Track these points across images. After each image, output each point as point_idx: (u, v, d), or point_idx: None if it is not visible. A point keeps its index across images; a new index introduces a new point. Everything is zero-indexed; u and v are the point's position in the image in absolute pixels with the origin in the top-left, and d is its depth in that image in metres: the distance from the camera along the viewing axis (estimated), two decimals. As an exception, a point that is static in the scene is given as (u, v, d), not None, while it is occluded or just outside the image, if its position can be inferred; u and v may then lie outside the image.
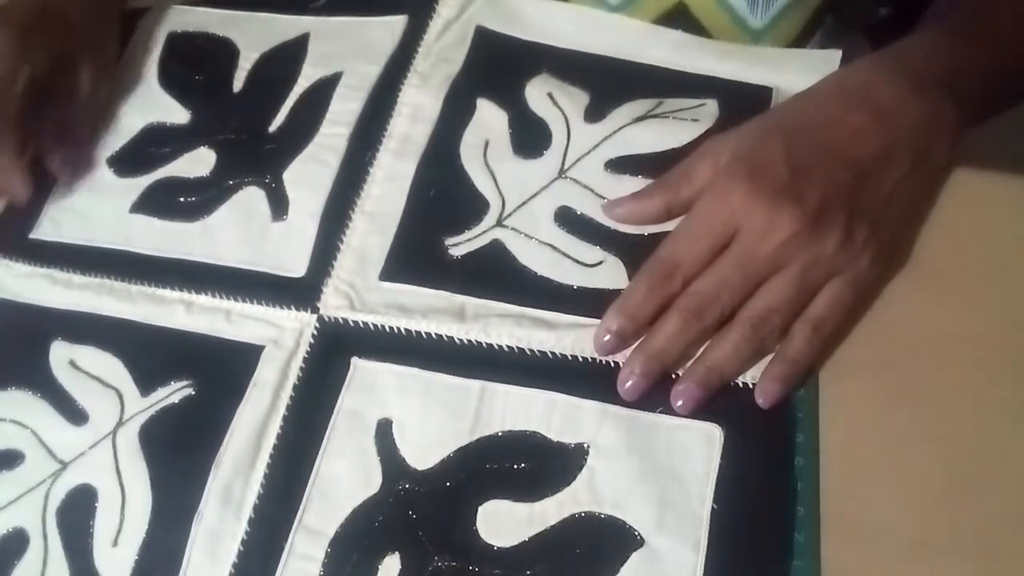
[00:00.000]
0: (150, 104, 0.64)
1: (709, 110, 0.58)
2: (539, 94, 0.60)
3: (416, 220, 0.56)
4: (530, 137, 0.58)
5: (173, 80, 0.65)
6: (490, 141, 0.58)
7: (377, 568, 0.45)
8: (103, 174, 0.61)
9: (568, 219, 0.55)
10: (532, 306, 0.52)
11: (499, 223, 0.55)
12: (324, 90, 0.62)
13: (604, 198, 0.55)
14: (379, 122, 0.60)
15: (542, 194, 0.56)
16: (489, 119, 0.59)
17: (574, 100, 0.59)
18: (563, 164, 0.57)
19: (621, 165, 0.56)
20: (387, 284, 0.54)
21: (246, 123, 0.62)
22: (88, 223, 0.59)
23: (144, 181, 0.60)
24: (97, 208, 0.60)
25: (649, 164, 0.56)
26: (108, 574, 0.48)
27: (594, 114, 0.58)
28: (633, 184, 0.55)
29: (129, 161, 0.61)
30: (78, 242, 0.58)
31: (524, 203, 0.56)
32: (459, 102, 0.60)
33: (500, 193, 0.56)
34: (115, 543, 0.49)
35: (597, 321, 0.50)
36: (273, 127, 0.61)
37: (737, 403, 0.46)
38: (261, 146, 0.60)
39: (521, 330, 0.50)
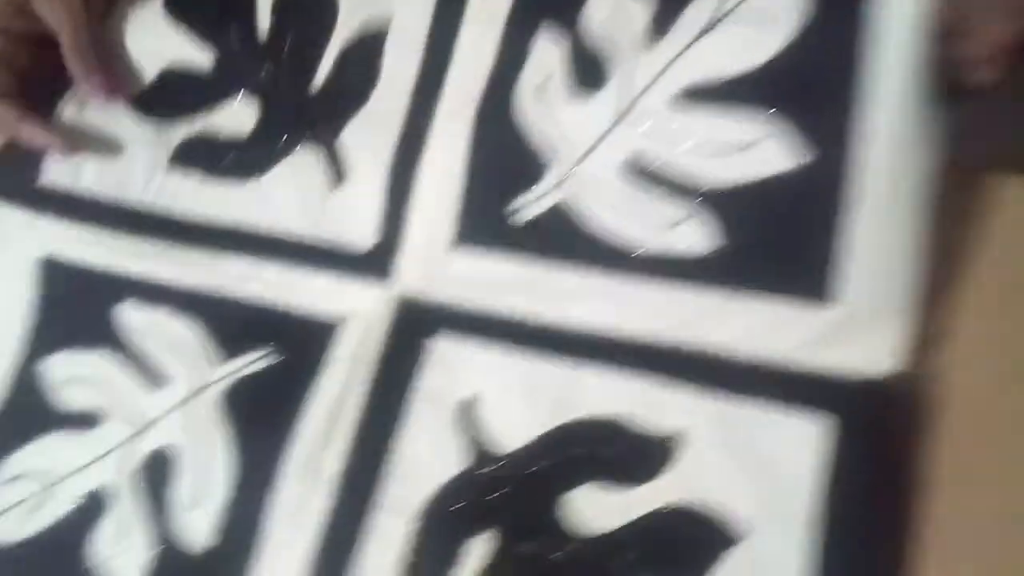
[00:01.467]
0: (167, 45, 0.59)
1: None
2: (598, 17, 0.51)
3: (480, 183, 0.51)
4: (589, 78, 0.50)
5: (186, 16, 0.59)
6: (548, 86, 0.51)
7: (463, 549, 0.44)
8: (124, 112, 0.58)
9: (638, 170, 0.49)
10: (609, 274, 0.47)
11: (563, 180, 0.50)
12: (373, 44, 0.56)
13: (677, 146, 0.48)
14: (435, 77, 0.54)
15: (606, 141, 0.50)
16: (546, 60, 0.52)
17: (633, 21, 0.50)
18: (626, 106, 0.49)
19: (691, 97, 0.48)
20: (460, 257, 0.50)
21: (282, 72, 0.57)
22: (120, 174, 0.57)
23: (179, 131, 0.57)
24: (129, 157, 0.57)
25: (722, 92, 0.47)
26: (188, 535, 0.48)
27: (656, 32, 0.49)
28: (706, 118, 0.47)
29: (154, 104, 0.58)
30: (113, 194, 0.56)
31: (588, 153, 0.50)
32: (514, 45, 0.52)
33: (562, 147, 0.50)
34: (195, 505, 0.49)
35: (686, 295, 0.46)
36: (319, 79, 0.56)
37: (843, 395, 0.43)
38: (308, 103, 0.56)
39: (605, 311, 0.47)
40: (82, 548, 0.49)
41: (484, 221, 0.50)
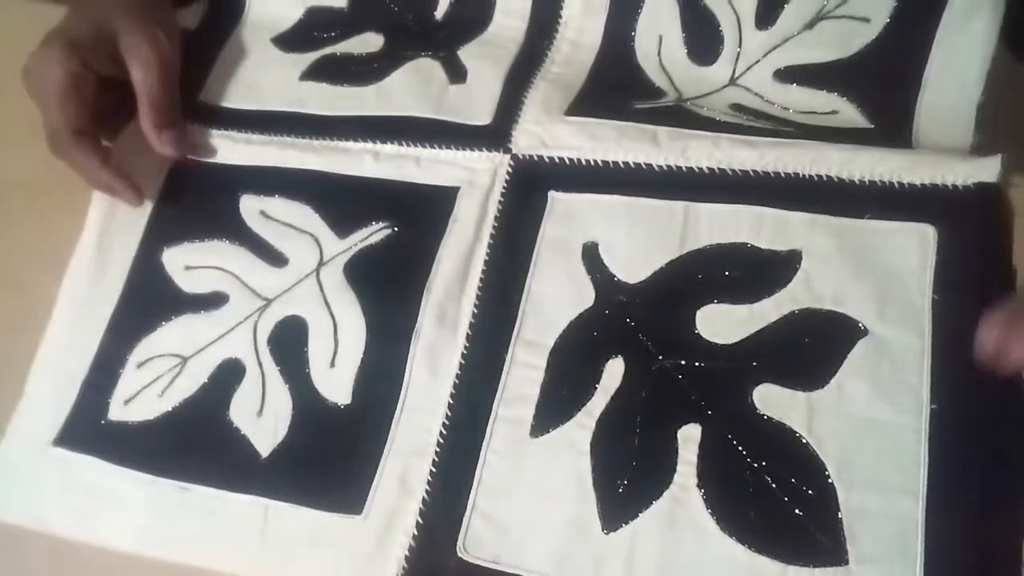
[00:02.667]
0: None
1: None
2: None
3: (599, 87, 0.56)
4: (702, 42, 0.57)
5: None
6: (663, 38, 0.57)
7: (601, 371, 0.47)
8: (268, 51, 0.62)
9: (742, 111, 0.55)
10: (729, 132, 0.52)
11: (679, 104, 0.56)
12: None
13: (773, 104, 0.55)
14: (552, 10, 0.59)
15: (714, 96, 0.56)
16: (660, 14, 0.58)
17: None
18: (734, 72, 0.56)
19: (790, 75, 0.55)
20: (575, 118, 0.54)
21: (409, 6, 0.62)
22: (257, 92, 0.60)
23: (312, 56, 0.61)
24: (266, 79, 0.61)
25: (816, 74, 0.55)
26: (329, 392, 0.50)
27: (765, 18, 0.56)
28: (800, 94, 0.55)
29: (295, 41, 0.62)
30: (248, 107, 0.59)
31: (699, 98, 0.56)
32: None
33: (677, 89, 0.56)
34: (332, 365, 0.51)
35: (799, 140, 0.51)
36: (439, 14, 0.61)
37: (947, 204, 0.47)
38: (431, 31, 0.61)
39: (720, 151, 0.51)
40: (224, 412, 0.50)
41: (603, 102, 0.55)
